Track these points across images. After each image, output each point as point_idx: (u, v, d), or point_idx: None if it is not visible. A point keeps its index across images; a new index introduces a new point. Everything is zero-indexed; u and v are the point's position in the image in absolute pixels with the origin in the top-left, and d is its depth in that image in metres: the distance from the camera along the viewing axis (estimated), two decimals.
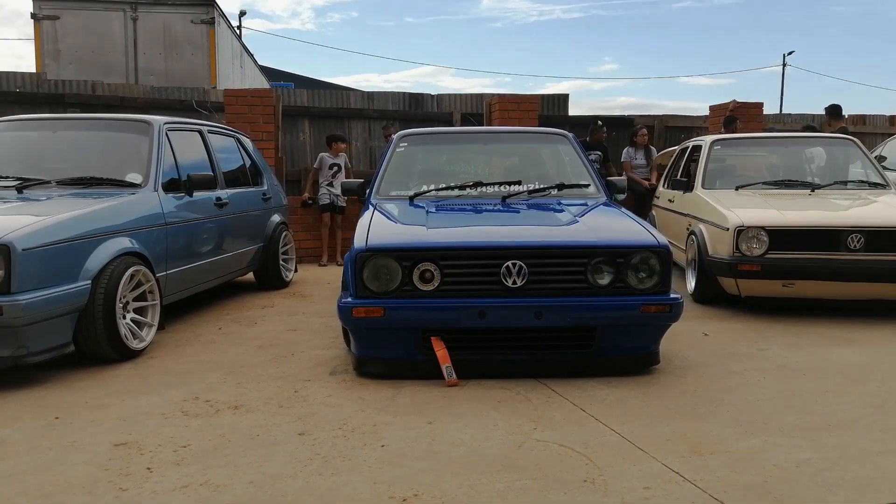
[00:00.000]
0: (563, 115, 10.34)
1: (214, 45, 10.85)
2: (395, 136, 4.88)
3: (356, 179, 4.77)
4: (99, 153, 4.57)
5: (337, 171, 7.59)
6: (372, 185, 4.43)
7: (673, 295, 3.32)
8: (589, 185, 4.41)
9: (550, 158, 4.84)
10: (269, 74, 18.67)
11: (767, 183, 5.63)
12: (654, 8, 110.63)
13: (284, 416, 2.86)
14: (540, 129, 5.86)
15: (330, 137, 7.81)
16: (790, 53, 37.51)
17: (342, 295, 3.39)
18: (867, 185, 5.62)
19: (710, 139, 6.17)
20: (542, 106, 9.79)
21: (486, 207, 4.06)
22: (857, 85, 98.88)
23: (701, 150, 6.05)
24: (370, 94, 10.33)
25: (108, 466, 2.37)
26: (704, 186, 5.68)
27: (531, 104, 8.40)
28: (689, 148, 6.54)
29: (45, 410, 2.93)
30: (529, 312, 3.22)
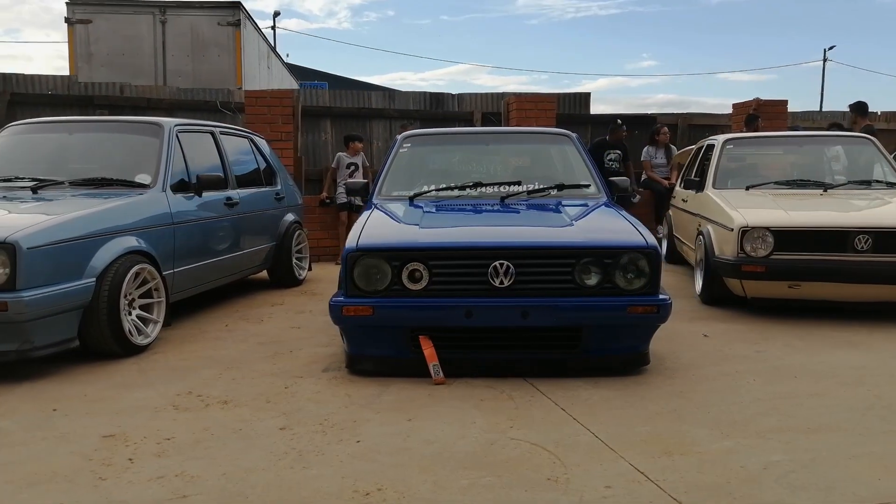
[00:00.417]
0: (583, 113, 10.31)
1: (240, 46, 11.07)
2: (398, 136, 4.94)
3: (361, 180, 4.84)
4: (112, 155, 4.73)
5: (354, 170, 7.66)
6: (375, 185, 4.50)
7: (661, 296, 3.32)
8: (590, 185, 4.42)
9: (553, 159, 4.86)
10: (304, 74, 18.92)
11: (780, 183, 5.53)
12: (691, 3, 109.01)
13: (270, 411, 2.95)
14: (543, 129, 5.88)
15: (347, 137, 7.89)
16: (831, 48, 36.50)
17: (335, 294, 3.46)
18: (885, 184, 5.50)
19: (722, 138, 6.09)
20: (562, 105, 9.78)
21: (484, 208, 4.10)
22: None
23: (714, 149, 5.99)
24: (391, 93, 10.42)
25: (92, 457, 2.47)
26: (715, 186, 5.62)
27: (549, 103, 8.39)
28: (704, 147, 6.48)
29: (44, 402, 3.05)
30: (516, 312, 3.25)
